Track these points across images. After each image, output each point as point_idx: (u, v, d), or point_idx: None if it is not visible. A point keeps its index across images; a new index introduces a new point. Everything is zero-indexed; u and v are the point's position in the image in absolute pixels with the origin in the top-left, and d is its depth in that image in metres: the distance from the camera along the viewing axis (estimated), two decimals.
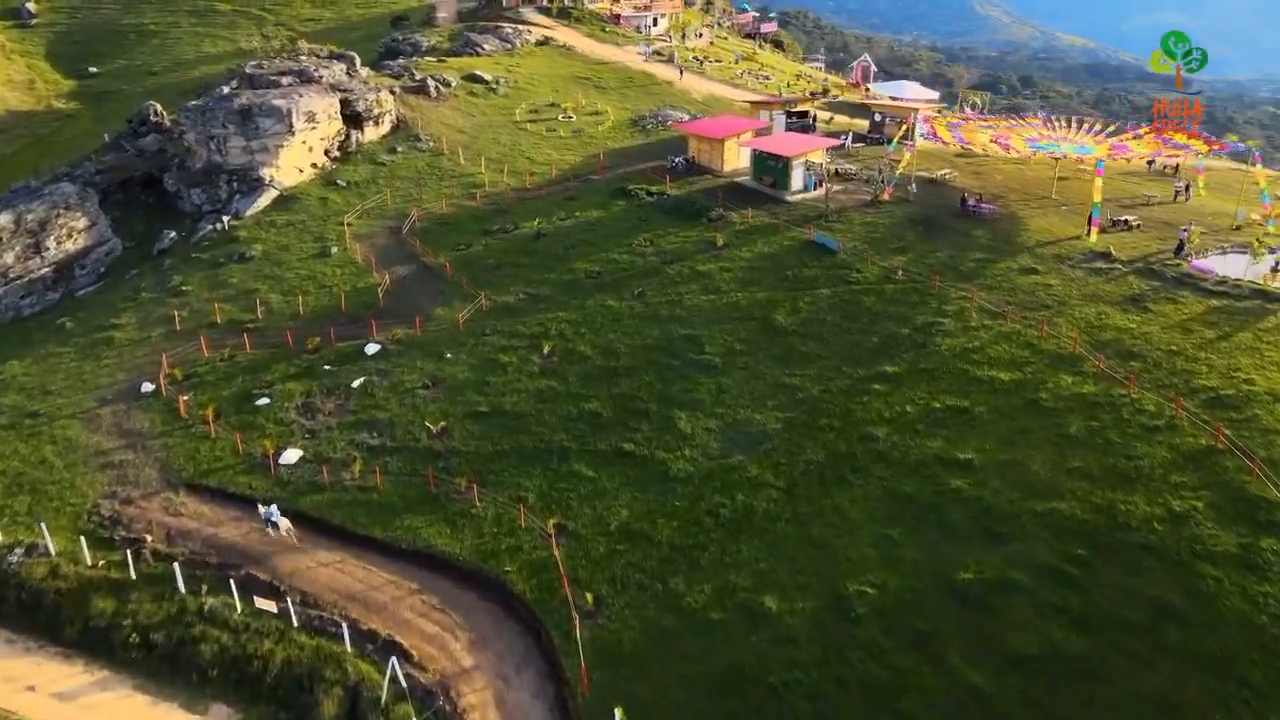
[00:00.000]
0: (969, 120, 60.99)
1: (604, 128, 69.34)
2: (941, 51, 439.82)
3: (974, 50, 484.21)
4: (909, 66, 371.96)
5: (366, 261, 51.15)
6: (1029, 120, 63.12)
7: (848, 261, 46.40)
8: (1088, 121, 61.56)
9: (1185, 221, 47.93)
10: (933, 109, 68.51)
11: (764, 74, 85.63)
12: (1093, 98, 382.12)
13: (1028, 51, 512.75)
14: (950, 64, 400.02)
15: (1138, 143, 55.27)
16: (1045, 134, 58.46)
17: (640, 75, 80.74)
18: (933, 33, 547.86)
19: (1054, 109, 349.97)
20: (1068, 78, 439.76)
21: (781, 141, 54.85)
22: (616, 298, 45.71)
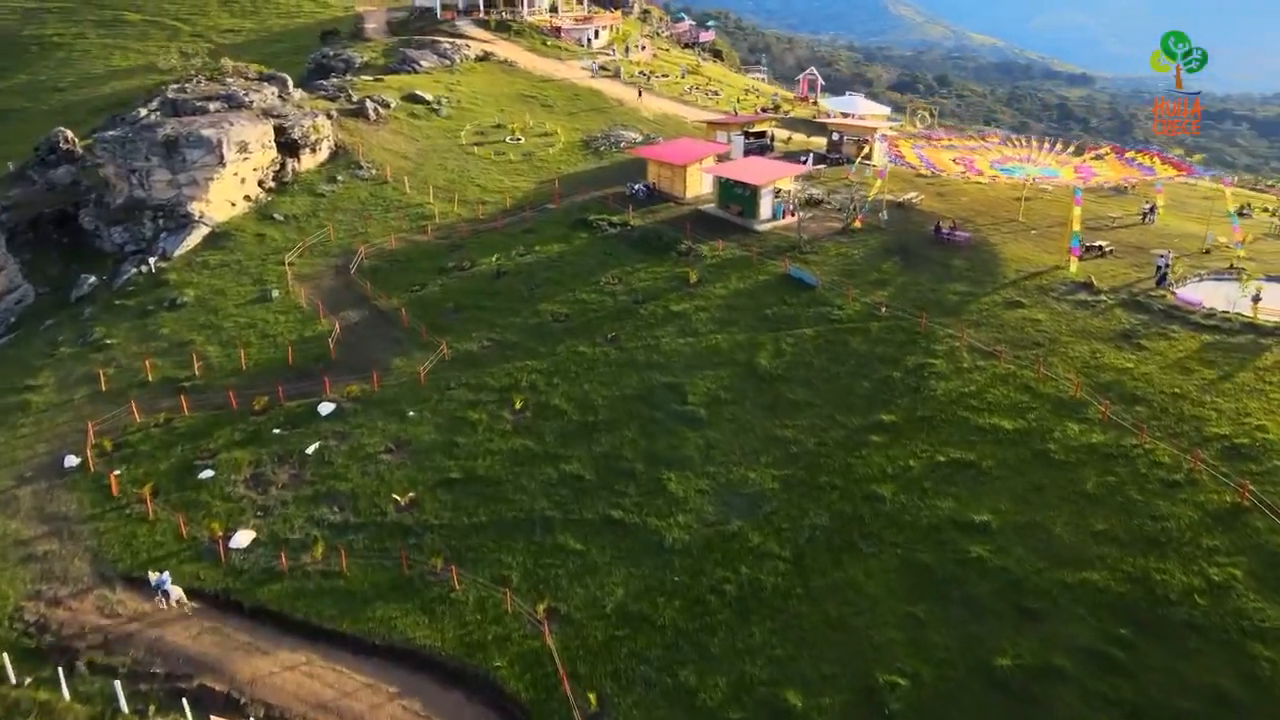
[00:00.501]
0: (932, 140, 59.68)
1: (555, 150, 66.32)
2: (859, 51, 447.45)
3: (890, 50, 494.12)
4: (829, 67, 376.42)
5: (313, 306, 47.30)
6: (989, 139, 62.28)
7: (827, 297, 44.42)
8: (1047, 140, 60.88)
9: (1158, 246, 47.23)
10: (891, 128, 67.20)
11: (713, 89, 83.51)
12: (1005, 96, 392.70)
13: (941, 51, 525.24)
14: (869, 64, 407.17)
15: (1101, 164, 54.63)
16: (1008, 155, 57.55)
17: (587, 93, 77.87)
18: (849, 32, 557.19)
19: (969, 107, 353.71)
20: (980, 76, 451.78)
21: (749, 168, 52.69)
22: (589, 343, 42.90)
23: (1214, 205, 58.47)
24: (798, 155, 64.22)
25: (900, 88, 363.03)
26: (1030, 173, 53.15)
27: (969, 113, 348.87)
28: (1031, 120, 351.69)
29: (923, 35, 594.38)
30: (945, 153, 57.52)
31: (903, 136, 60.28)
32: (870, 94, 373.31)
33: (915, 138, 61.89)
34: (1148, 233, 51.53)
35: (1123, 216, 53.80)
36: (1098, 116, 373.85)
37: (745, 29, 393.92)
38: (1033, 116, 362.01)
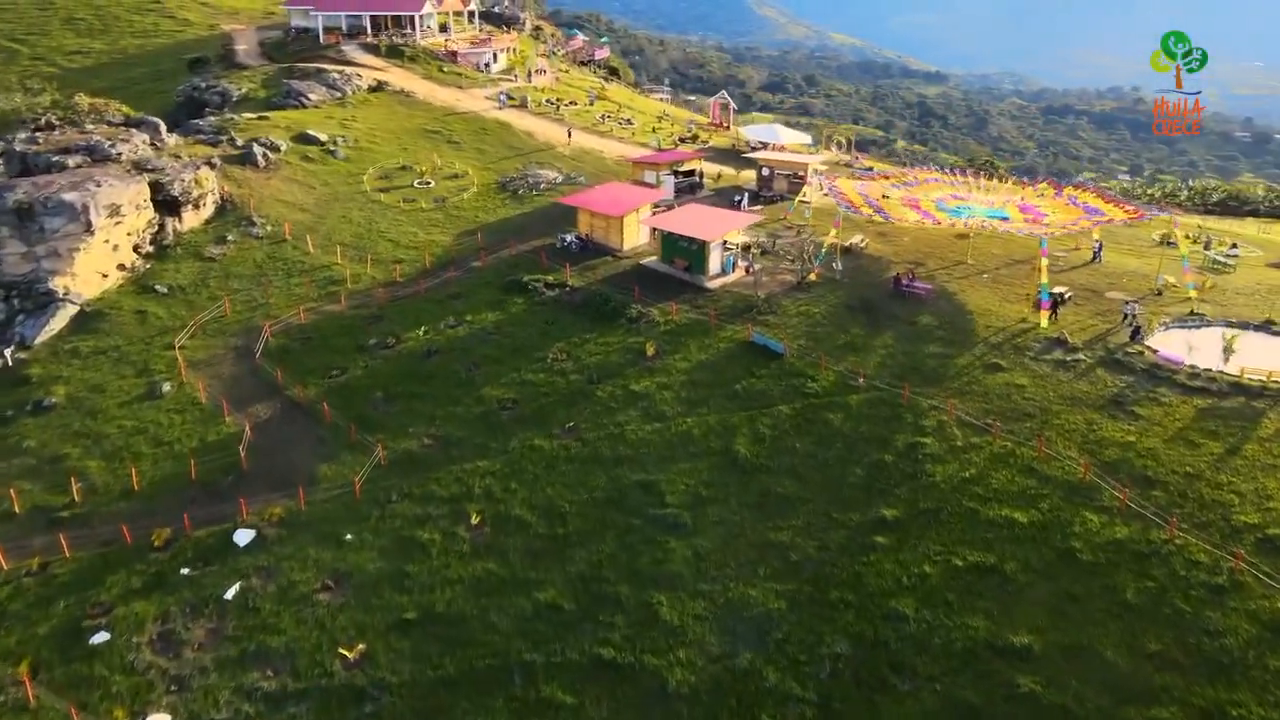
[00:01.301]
0: (875, 179, 57.14)
1: (469, 195, 60.74)
2: (728, 52, 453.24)
3: (757, 50, 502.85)
4: (702, 69, 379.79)
5: (214, 402, 40.69)
6: (927, 175, 60.29)
7: (797, 366, 40.90)
8: (983, 173, 59.33)
9: (1112, 288, 45.95)
10: (823, 163, 64.55)
11: (625, 117, 79.26)
12: (869, 94, 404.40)
13: (805, 50, 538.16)
14: (739, 65, 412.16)
15: (1044, 202, 53.07)
16: (952, 193, 55.56)
17: (495, 126, 72.35)
18: (717, 33, 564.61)
19: (837, 106, 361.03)
20: (843, 75, 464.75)
21: (693, 220, 48.69)
22: (544, 435, 38.06)
23: (1138, 234, 58.24)
24: (731, 195, 60.81)
25: (771, 88, 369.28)
26: (977, 214, 51.08)
27: (837, 112, 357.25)
28: (896, 119, 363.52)
29: (786, 35, 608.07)
30: (892, 194, 55.04)
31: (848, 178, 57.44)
32: (742, 94, 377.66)
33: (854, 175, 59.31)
34: (1098, 273, 50.24)
35: (1068, 254, 52.46)
36: (955, 113, 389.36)
37: (617, 31, 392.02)
38: (897, 115, 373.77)
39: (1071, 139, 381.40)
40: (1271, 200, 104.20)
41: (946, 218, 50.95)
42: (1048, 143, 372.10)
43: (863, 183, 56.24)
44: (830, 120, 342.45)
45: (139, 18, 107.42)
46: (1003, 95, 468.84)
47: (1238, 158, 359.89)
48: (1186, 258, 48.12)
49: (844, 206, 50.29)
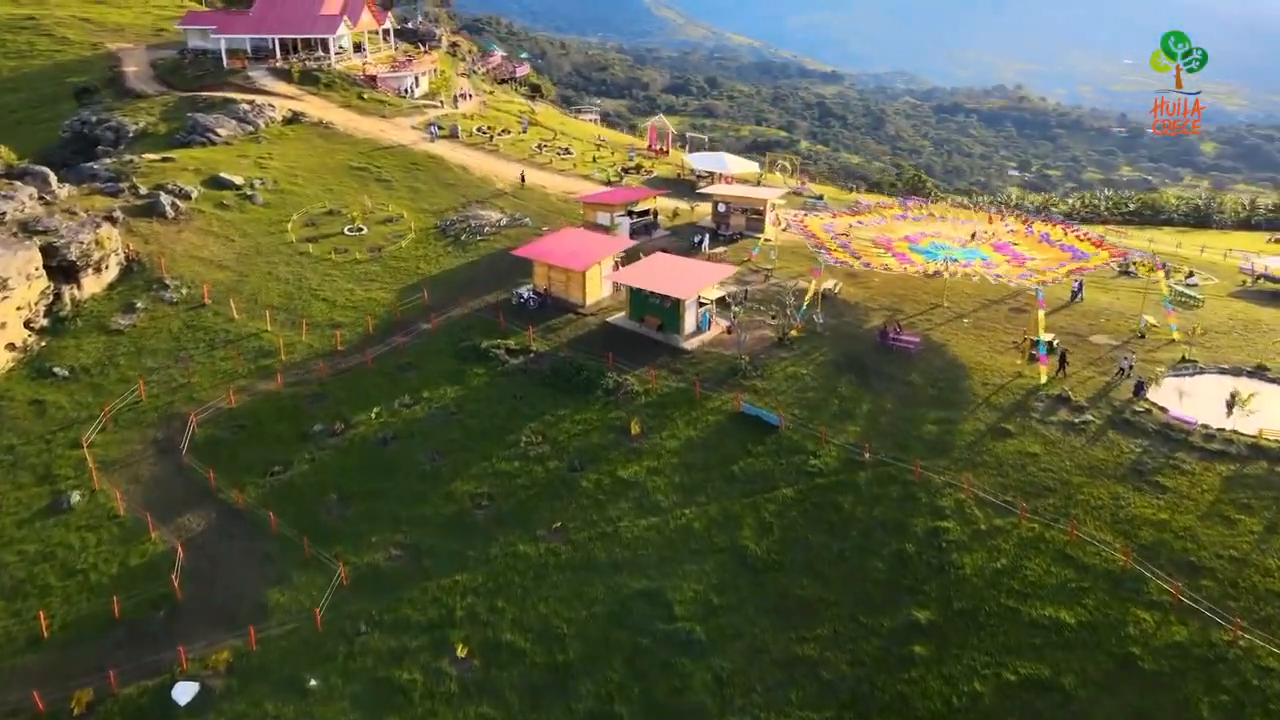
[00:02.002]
0: (836, 215, 54.18)
1: (407, 242, 55.35)
2: (629, 54, 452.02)
3: (658, 52, 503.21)
4: (605, 71, 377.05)
5: (136, 515, 34.82)
6: (889, 208, 57.69)
7: (796, 441, 37.40)
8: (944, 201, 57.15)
9: (1102, 333, 44.05)
10: (781, 198, 61.37)
11: (563, 146, 74.53)
12: (770, 95, 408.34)
13: (704, 51, 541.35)
14: (641, 67, 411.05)
15: (1029, 244, 50.76)
16: (919, 230, 53.06)
17: (426, 160, 66.82)
18: (616, 34, 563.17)
19: (739, 107, 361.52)
20: (743, 76, 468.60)
21: (665, 274, 44.64)
22: (528, 538, 33.63)
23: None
24: (690, 235, 57.06)
25: (674, 90, 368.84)
26: (955, 256, 48.56)
27: (740, 113, 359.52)
28: (797, 119, 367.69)
29: (685, 36, 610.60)
30: (858, 230, 52.20)
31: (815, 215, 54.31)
32: (646, 97, 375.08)
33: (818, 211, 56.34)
34: (1077, 313, 48.36)
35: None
36: (853, 113, 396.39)
37: (518, 34, 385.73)
38: (798, 115, 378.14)
39: (963, 136, 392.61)
40: (1184, 209, 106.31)
41: (922, 260, 48.26)
42: (942, 141, 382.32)
43: (831, 220, 53.17)
44: (734, 121, 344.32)
45: (11, 36, 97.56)
46: (896, 94, 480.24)
47: (1116, 152, 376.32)
48: (1169, 299, 46.60)
49: (821, 252, 47.02)
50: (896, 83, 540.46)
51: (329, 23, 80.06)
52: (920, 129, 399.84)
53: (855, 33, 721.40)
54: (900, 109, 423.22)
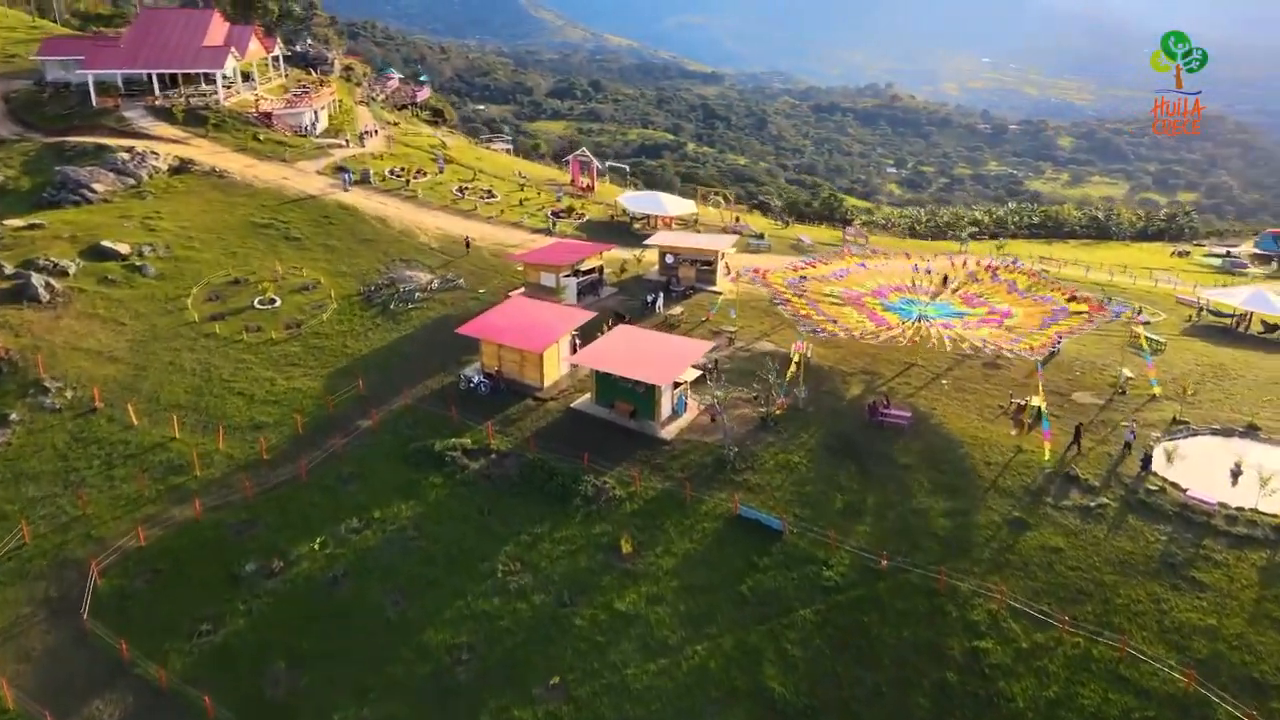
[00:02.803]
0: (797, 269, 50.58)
1: (328, 314, 48.81)
2: (510, 58, 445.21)
3: (539, 54, 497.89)
4: (488, 76, 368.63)
5: (28, 708, 27.92)
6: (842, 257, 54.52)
7: (803, 548, 33.45)
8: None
9: (1083, 389, 41.85)
10: (733, 246, 57.37)
11: (486, 188, 68.51)
12: (654, 97, 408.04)
13: (584, 53, 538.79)
14: (524, 71, 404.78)
15: (1000, 295, 48.23)
16: (887, 281, 50.06)
17: (339, 211, 59.93)
18: (495, 37, 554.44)
19: (625, 111, 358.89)
20: (625, 78, 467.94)
21: (633, 355, 39.83)
22: (522, 700, 28.50)
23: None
24: (640, 293, 52.49)
25: (558, 94, 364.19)
26: (928, 314, 45.62)
27: (626, 116, 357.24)
28: (682, 122, 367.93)
29: (564, 38, 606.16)
30: (819, 285, 48.76)
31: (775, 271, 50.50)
32: (532, 101, 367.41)
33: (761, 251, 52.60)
34: (1054, 367, 46.07)
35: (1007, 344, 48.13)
36: (736, 114, 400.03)
37: (395, 39, 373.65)
38: (682, 118, 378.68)
39: (842, 136, 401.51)
40: (1084, 221, 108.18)
41: (898, 320, 45.09)
42: (822, 140, 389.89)
43: (795, 275, 49.51)
44: (621, 125, 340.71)
45: None
46: (775, 94, 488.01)
47: (982, 148, 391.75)
48: (1148, 352, 44.85)
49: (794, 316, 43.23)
50: (774, 82, 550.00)
51: (214, 55, 71.53)
52: (801, 129, 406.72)
53: (730, 33, 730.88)
54: (780, 109, 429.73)
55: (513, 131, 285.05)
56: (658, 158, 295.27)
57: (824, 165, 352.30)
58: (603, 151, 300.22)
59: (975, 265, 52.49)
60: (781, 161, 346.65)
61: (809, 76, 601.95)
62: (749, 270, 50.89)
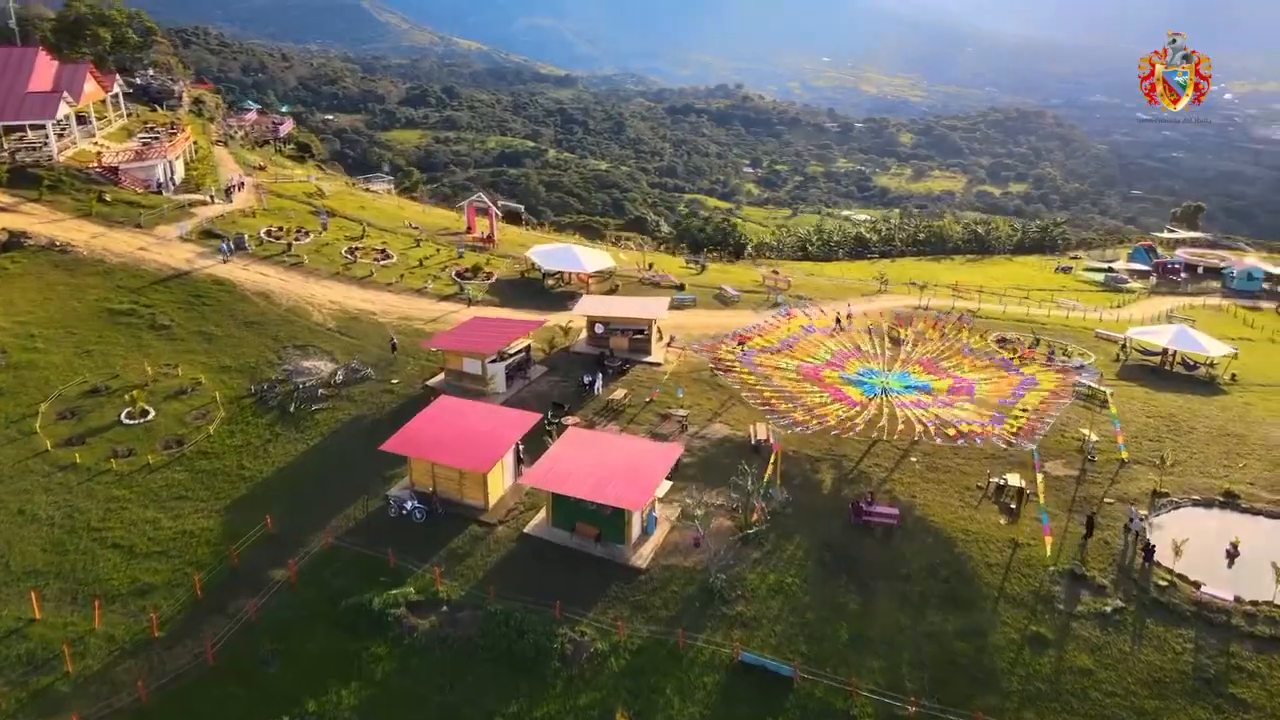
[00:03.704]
0: (745, 343, 46.31)
1: (216, 426, 40.94)
2: (358, 64, 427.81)
3: (386, 59, 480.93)
4: (335, 84, 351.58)
5: None
6: (790, 316, 50.73)
7: (819, 697, 29.14)
8: (848, 307, 51.13)
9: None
10: (669, 311, 52.51)
11: (380, 247, 60.85)
12: (510, 103, 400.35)
13: (434, 57, 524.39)
14: (374, 78, 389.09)
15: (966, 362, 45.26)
16: (840, 347, 46.52)
17: (212, 289, 51.38)
18: (338, 41, 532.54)
19: (481, 118, 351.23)
20: (478, 82, 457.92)
21: (596, 469, 34.25)
22: None
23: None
24: (576, 372, 46.96)
25: (412, 102, 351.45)
26: (892, 387, 42.33)
27: (483, 123, 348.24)
28: (541, 127, 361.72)
29: (412, 42, 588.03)
30: (771, 358, 44.72)
31: (723, 342, 46.01)
32: (384, 110, 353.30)
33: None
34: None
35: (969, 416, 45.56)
36: (593, 118, 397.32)
37: (231, 46, 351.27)
38: (541, 123, 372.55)
39: (698, 137, 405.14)
40: (965, 236, 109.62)
41: (862, 395, 41.49)
42: (679, 142, 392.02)
43: (742, 347, 45.23)
44: (479, 132, 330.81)
45: None
46: (629, 96, 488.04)
47: (831, 146, 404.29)
48: (1116, 417, 43.04)
49: (769, 413, 38.90)
50: (627, 84, 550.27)
51: (44, 103, 60.64)
52: (658, 131, 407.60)
53: (580, 35, 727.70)
54: (637, 111, 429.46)
55: (365, 141, 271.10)
56: (519, 166, 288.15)
57: (684, 167, 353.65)
58: (463, 160, 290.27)
59: (922, 323, 49.74)
60: (642, 165, 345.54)
61: (661, 78, 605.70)
62: (695, 345, 46.33)
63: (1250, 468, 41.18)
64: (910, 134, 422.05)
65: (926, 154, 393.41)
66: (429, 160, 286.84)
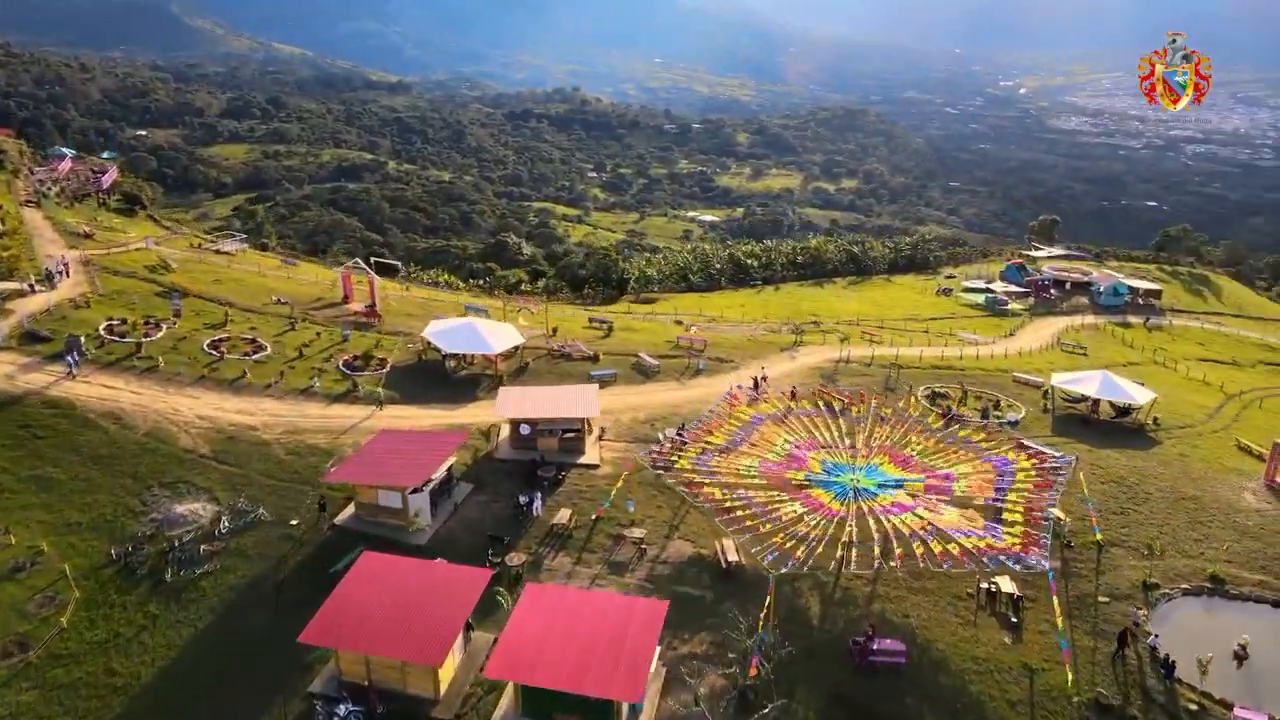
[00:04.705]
0: (695, 439, 41.31)
1: (69, 614, 31.92)
2: (168, 72, 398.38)
3: (201, 68, 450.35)
4: (146, 97, 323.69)
5: None
6: (731, 403, 46.18)
7: None
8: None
9: (1112, 595, 36.63)
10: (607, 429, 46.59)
11: (250, 337, 51.16)
12: (342, 113, 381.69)
13: (254, 65, 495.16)
14: (190, 89, 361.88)
15: (943, 452, 42.04)
16: (797, 438, 42.43)
17: (44, 415, 40.72)
18: (145, 49, 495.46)
19: (312, 130, 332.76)
20: (305, 91, 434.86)
21: (580, 647, 28.28)
22: None
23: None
24: (509, 492, 40.49)
25: (234, 114, 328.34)
26: (866, 487, 38.61)
27: (315, 136, 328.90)
28: (378, 139, 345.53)
29: (228, 49, 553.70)
30: (727, 459, 40.08)
31: (673, 445, 40.76)
32: (203, 124, 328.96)
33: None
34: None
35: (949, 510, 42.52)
36: (431, 127, 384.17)
37: (19, 56, 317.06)
38: (377, 134, 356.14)
39: (540, 143, 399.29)
40: (841, 258, 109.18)
41: (833, 501, 37.49)
42: (522, 149, 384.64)
43: (697, 450, 40.27)
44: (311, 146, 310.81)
45: None
46: (466, 102, 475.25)
47: (672, 147, 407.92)
48: (1089, 499, 40.90)
49: (765, 557, 34.08)
50: (461, 89, 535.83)
51: None
52: (500, 138, 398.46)
53: (409, 40, 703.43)
54: (475, 118, 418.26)
55: (185, 158, 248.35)
56: (358, 180, 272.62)
57: (529, 174, 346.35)
58: (296, 176, 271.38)
59: (861, 400, 46.36)
60: (486, 174, 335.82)
61: (495, 81, 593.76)
62: (648, 453, 40.98)
63: (1218, 538, 40.04)
64: (746, 134, 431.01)
65: (763, 153, 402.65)
66: (258, 177, 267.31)
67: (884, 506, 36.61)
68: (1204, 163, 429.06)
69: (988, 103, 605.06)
